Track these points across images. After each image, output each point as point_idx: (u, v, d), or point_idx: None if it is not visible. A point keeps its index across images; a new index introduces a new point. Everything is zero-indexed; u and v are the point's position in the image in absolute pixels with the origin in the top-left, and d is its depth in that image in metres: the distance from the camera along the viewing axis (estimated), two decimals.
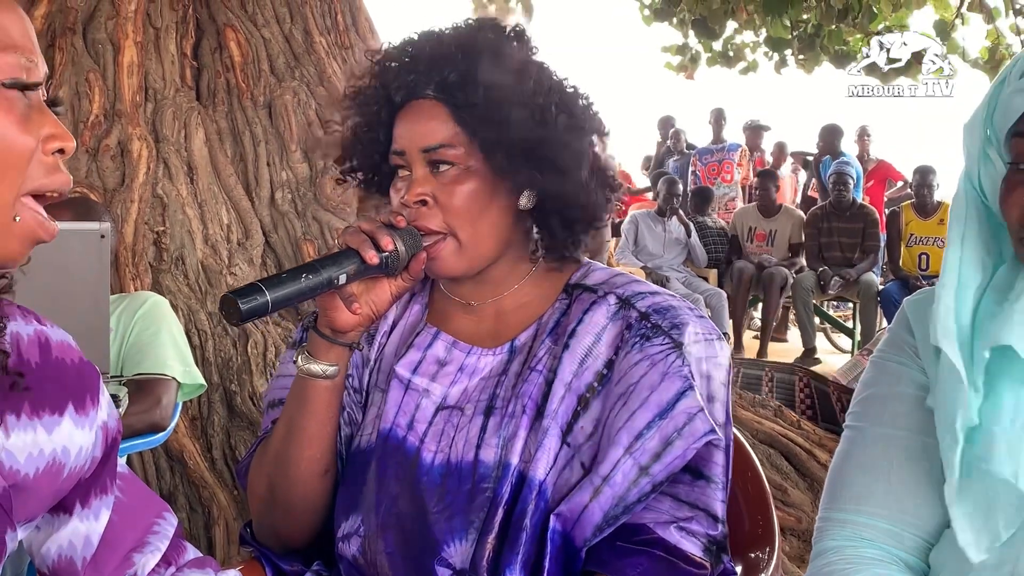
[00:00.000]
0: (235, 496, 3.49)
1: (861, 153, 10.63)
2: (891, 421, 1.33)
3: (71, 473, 1.16)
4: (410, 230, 1.39)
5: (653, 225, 8.77)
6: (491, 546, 1.34)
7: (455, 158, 1.39)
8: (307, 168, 4.29)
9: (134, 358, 2.84)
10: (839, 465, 1.37)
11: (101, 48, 4.20)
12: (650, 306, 1.40)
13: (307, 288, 1.30)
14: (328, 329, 1.42)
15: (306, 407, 1.44)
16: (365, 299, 1.41)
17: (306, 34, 4.58)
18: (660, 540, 1.33)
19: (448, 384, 1.45)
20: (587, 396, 1.38)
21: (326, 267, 1.32)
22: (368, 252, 1.34)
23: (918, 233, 8.06)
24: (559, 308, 1.46)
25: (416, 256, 1.39)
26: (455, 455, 1.40)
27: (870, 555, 1.29)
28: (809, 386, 5.26)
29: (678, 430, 1.32)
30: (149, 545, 1.24)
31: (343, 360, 1.44)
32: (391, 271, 1.39)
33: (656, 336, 1.37)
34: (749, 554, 1.56)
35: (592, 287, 1.46)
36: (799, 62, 7.94)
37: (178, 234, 3.96)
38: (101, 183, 3.98)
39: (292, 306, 1.41)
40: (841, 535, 1.32)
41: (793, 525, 3.75)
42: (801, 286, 8.15)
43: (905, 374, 1.34)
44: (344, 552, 1.44)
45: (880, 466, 1.32)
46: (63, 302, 2.32)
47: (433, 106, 1.41)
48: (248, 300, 1.25)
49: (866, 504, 1.31)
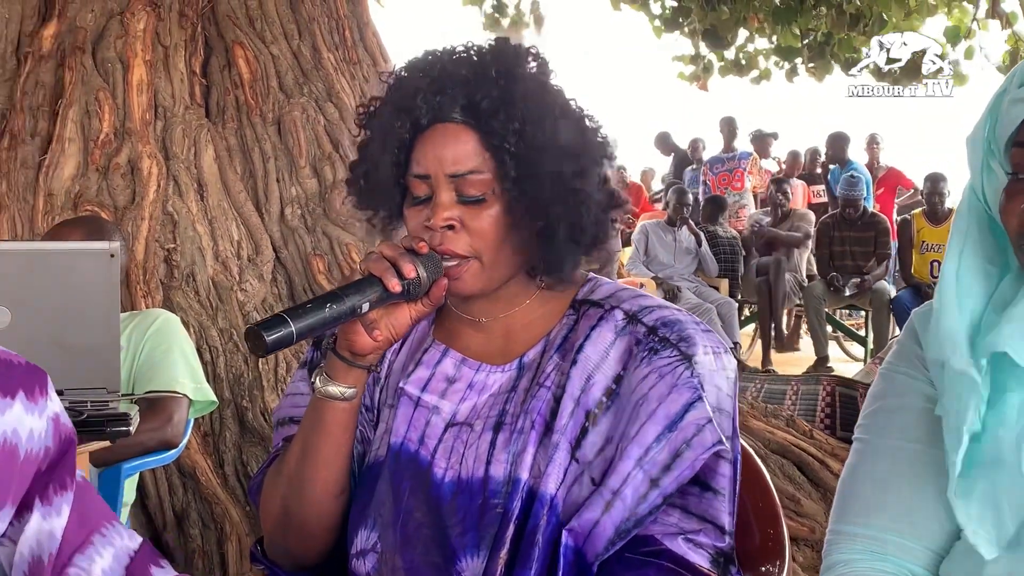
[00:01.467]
0: (247, 512, 3.49)
1: (871, 161, 10.63)
2: (900, 433, 1.32)
3: (27, 457, 1.18)
4: (431, 256, 1.38)
5: (663, 235, 8.76)
6: (503, 561, 1.34)
7: (483, 185, 1.38)
8: (316, 183, 4.30)
9: (145, 376, 2.85)
10: (848, 478, 1.37)
11: (111, 67, 4.23)
12: (657, 320, 1.40)
13: (331, 317, 1.30)
14: (347, 352, 1.41)
15: (323, 429, 1.44)
16: (385, 323, 1.40)
17: (314, 50, 4.59)
18: (667, 551, 1.33)
19: (457, 401, 1.45)
20: (595, 412, 1.38)
21: (349, 296, 1.32)
22: (391, 281, 1.33)
23: (930, 240, 8.04)
24: (566, 324, 1.46)
25: (437, 282, 1.38)
26: (465, 471, 1.40)
27: (880, 568, 1.28)
28: (832, 394, 5.22)
29: (687, 441, 1.32)
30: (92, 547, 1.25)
31: (361, 382, 1.44)
32: (412, 297, 1.38)
33: (664, 349, 1.37)
34: (760, 568, 1.55)
35: (598, 302, 1.46)
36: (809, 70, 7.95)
37: (188, 251, 3.98)
38: (111, 201, 4.00)
39: (317, 336, 1.41)
40: (851, 549, 1.31)
41: (806, 535, 3.74)
42: (812, 294, 8.13)
43: (913, 386, 1.33)
44: (358, 569, 1.44)
45: (889, 479, 1.31)
46: (74, 321, 2.34)
47: (461, 130, 1.38)
48: (273, 332, 1.26)
49: (875, 517, 1.31)
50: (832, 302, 8.27)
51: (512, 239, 1.40)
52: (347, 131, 4.43)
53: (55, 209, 3.92)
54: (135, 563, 1.28)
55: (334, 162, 4.33)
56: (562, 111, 1.41)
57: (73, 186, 4.00)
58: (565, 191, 1.38)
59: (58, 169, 3.99)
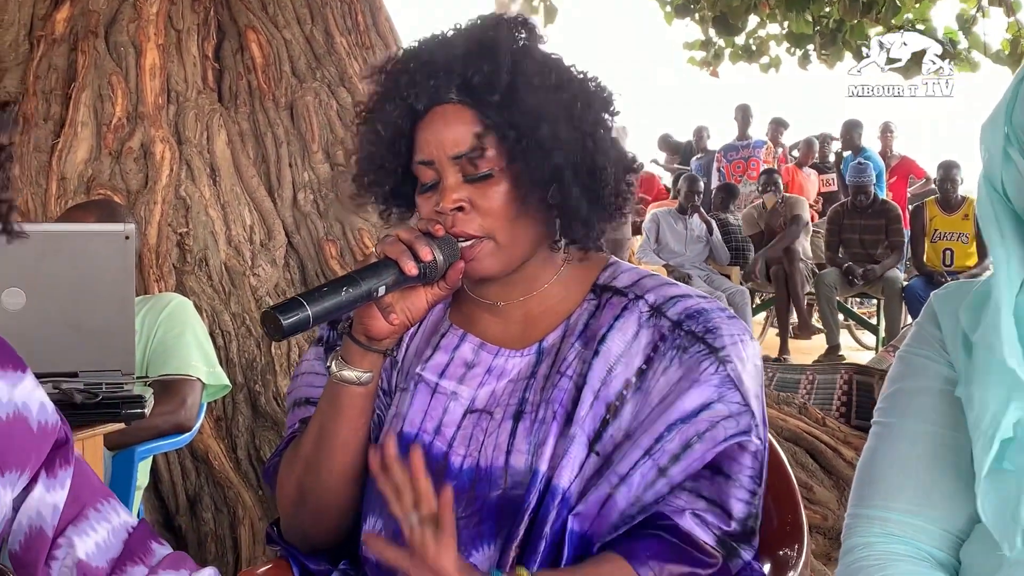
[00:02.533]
0: (260, 496, 3.49)
1: (884, 150, 10.57)
2: (918, 416, 1.31)
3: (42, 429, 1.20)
4: (447, 239, 1.37)
5: (674, 223, 8.74)
6: (515, 552, 1.33)
7: (487, 162, 1.37)
8: (329, 168, 4.29)
9: (159, 359, 2.85)
10: (867, 461, 1.36)
11: (123, 51, 4.22)
12: (682, 312, 1.39)
13: (347, 301, 1.30)
14: (363, 336, 1.40)
15: (339, 413, 1.43)
16: (401, 307, 1.39)
17: (327, 35, 4.58)
18: (673, 526, 1.33)
19: (476, 386, 1.44)
20: (616, 404, 1.37)
21: (365, 279, 1.32)
22: (407, 264, 1.32)
23: (942, 228, 8.01)
24: (587, 309, 1.45)
25: (454, 265, 1.38)
26: (484, 460, 1.39)
27: (900, 551, 1.27)
28: (849, 383, 5.20)
29: (699, 434, 1.32)
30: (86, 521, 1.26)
31: (377, 366, 1.43)
32: (428, 280, 1.37)
33: (691, 345, 1.37)
34: (777, 552, 1.55)
35: (621, 290, 1.44)
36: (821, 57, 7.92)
37: (201, 235, 3.98)
38: (124, 185, 4.00)
39: (332, 319, 1.41)
40: (870, 532, 1.31)
41: (819, 523, 3.73)
42: (824, 283, 8.10)
43: (932, 368, 1.32)
44: (368, 554, 1.44)
45: (908, 462, 1.30)
46: (89, 303, 2.35)
47: (458, 110, 1.38)
48: (290, 316, 1.26)
49: (895, 500, 1.30)
50: (844, 290, 8.24)
51: (525, 214, 1.39)
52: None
53: (68, 193, 3.92)
54: (133, 538, 1.30)
55: (347, 147, 4.32)
56: (557, 76, 1.40)
57: (86, 170, 4.00)
58: (571, 157, 1.36)
59: (71, 153, 3.99)
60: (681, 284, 1.46)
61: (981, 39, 7.64)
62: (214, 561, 3.38)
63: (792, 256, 8.28)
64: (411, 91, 1.39)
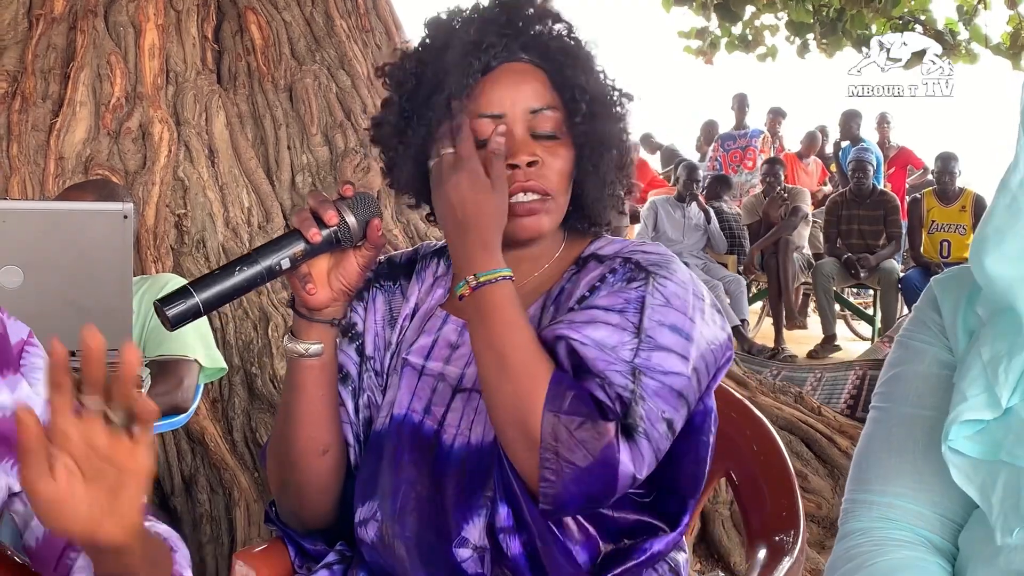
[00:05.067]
0: (255, 478, 3.50)
1: (881, 140, 10.56)
2: (917, 401, 1.31)
3: None
4: (361, 196, 1.35)
5: (672, 211, 8.73)
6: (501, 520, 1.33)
7: (556, 123, 1.39)
8: (328, 151, 4.29)
9: (156, 340, 2.85)
10: (865, 446, 1.36)
11: (122, 31, 4.21)
12: (641, 256, 1.39)
13: (244, 282, 1.28)
14: (304, 308, 1.40)
15: (296, 387, 1.43)
16: (335, 274, 1.38)
17: (327, 17, 4.57)
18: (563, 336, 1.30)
19: (463, 365, 1.44)
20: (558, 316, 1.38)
21: (265, 255, 1.30)
22: (310, 231, 1.31)
23: (939, 220, 8.01)
24: (566, 278, 1.45)
25: (371, 223, 1.36)
26: (475, 438, 1.39)
27: (897, 536, 1.27)
28: (862, 378, 5.19)
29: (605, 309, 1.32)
30: None
31: (327, 338, 1.42)
32: (347, 243, 1.36)
33: (638, 275, 1.36)
34: (773, 538, 1.55)
35: (602, 256, 1.45)
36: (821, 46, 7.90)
37: (199, 217, 3.97)
38: (122, 165, 3.99)
39: (235, 300, 1.38)
40: (868, 516, 1.31)
41: (814, 511, 3.74)
42: (821, 273, 8.10)
43: (931, 353, 1.32)
44: (363, 536, 1.44)
45: (906, 447, 1.30)
46: (86, 282, 2.34)
47: (532, 69, 1.40)
48: (174, 305, 1.24)
49: (892, 485, 1.30)
50: (841, 280, 8.24)
51: (569, 184, 1.42)
52: (359, 99, 4.41)
53: (66, 172, 3.91)
54: None
55: (345, 130, 4.31)
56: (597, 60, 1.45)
57: (84, 150, 3.99)
58: (618, 134, 1.41)
59: (69, 133, 3.97)
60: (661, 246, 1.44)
61: (982, 31, 7.63)
62: (209, 543, 3.38)
63: (785, 247, 8.27)
64: (483, 47, 1.38)
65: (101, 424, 0.97)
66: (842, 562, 1.29)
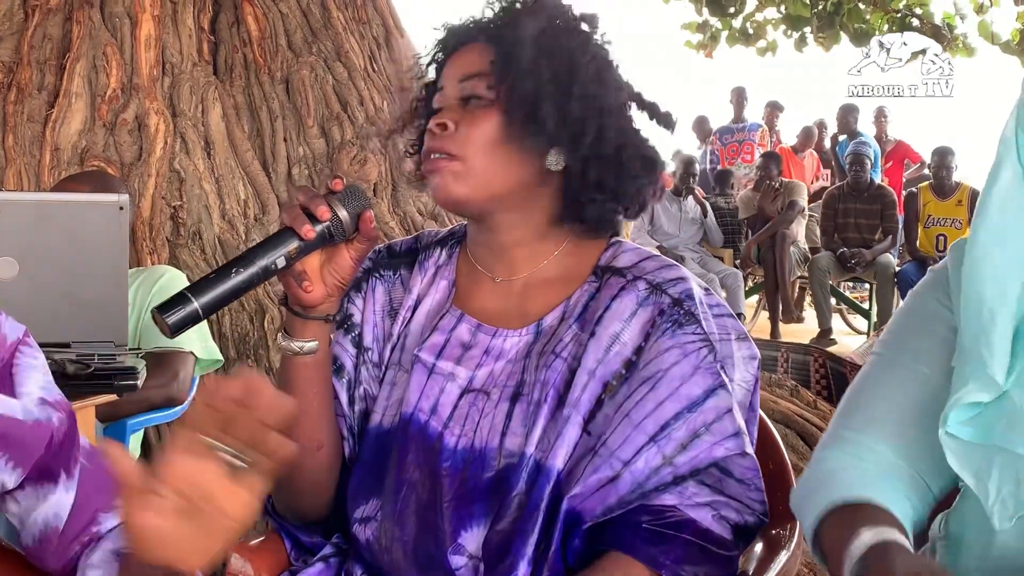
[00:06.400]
0: None
1: (879, 134, 10.56)
2: (919, 356, 1.31)
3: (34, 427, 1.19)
4: (351, 189, 1.34)
5: (668, 205, 8.73)
6: (503, 532, 1.32)
7: (483, 90, 1.38)
8: (324, 144, 4.28)
9: (152, 332, 2.84)
10: (860, 386, 1.35)
11: (119, 22, 4.19)
12: (683, 292, 1.38)
13: (241, 283, 1.26)
14: (298, 306, 1.39)
15: (291, 385, 1.41)
16: (328, 269, 1.37)
17: (324, 9, 4.56)
18: (689, 521, 1.30)
19: (474, 367, 1.42)
20: (613, 383, 1.35)
21: (260, 255, 1.28)
22: (303, 227, 1.30)
23: (936, 214, 8.02)
24: (587, 291, 1.43)
25: (362, 215, 1.34)
26: (479, 440, 1.38)
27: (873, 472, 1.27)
28: (825, 367, 5.22)
29: (707, 425, 1.31)
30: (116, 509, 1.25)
31: (322, 334, 1.41)
32: (340, 237, 1.34)
33: (689, 324, 1.35)
34: (771, 531, 1.54)
35: (620, 270, 1.43)
36: (818, 40, 7.90)
37: (195, 209, 3.96)
38: (118, 157, 3.98)
39: (233, 302, 1.36)
40: (847, 451, 1.30)
41: None
42: (817, 267, 8.11)
43: (941, 314, 1.31)
44: (359, 534, 1.43)
45: (898, 397, 1.30)
46: (82, 273, 2.33)
47: (481, 47, 1.41)
48: (173, 312, 1.22)
49: (878, 429, 1.29)
50: (836, 274, 8.25)
51: (508, 156, 1.38)
52: (355, 91, 4.40)
53: (61, 164, 3.90)
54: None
55: (342, 122, 4.31)
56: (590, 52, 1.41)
57: (80, 141, 3.98)
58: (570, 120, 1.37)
59: (65, 124, 3.96)
60: (680, 266, 1.44)
61: (989, 27, 7.62)
62: None
63: (781, 241, 8.28)
64: (450, 36, 1.45)
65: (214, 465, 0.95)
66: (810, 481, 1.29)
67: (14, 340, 1.28)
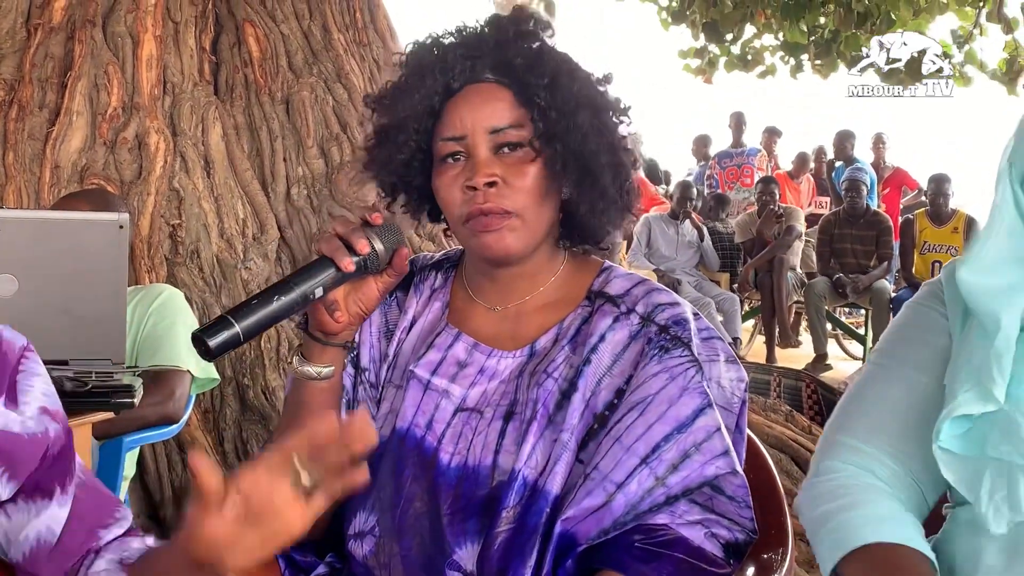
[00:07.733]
0: None
1: (877, 160, 10.60)
2: (918, 365, 1.32)
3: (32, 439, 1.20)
4: (389, 225, 1.36)
5: (666, 228, 8.75)
6: (499, 550, 1.33)
7: (521, 139, 1.38)
8: (323, 164, 4.29)
9: (149, 350, 2.85)
10: (857, 393, 1.36)
11: (120, 41, 4.21)
12: (669, 318, 1.39)
13: (281, 310, 1.28)
14: (319, 332, 1.41)
15: (303, 407, 1.44)
16: (353, 298, 1.40)
17: (324, 31, 4.58)
18: (681, 540, 1.31)
19: (468, 386, 1.44)
20: (605, 414, 1.37)
21: (300, 283, 1.29)
22: (343, 260, 1.32)
23: (932, 241, 8.04)
24: (580, 315, 1.44)
25: (398, 251, 1.37)
26: (472, 458, 1.39)
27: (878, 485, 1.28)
28: (816, 392, 5.23)
29: (697, 444, 1.32)
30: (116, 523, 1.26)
31: (338, 360, 1.44)
32: (371, 271, 1.37)
33: (676, 348, 1.37)
34: (762, 555, 1.55)
35: (614, 298, 1.44)
36: (815, 67, 7.92)
37: (194, 228, 3.97)
38: (118, 175, 3.99)
39: (270, 328, 1.37)
40: (848, 459, 1.31)
41: (802, 530, 3.73)
42: (813, 292, 8.12)
43: (939, 323, 1.33)
44: (355, 551, 1.43)
45: (898, 406, 1.31)
46: (81, 291, 2.34)
47: (496, 88, 1.40)
48: (215, 335, 1.23)
49: (878, 438, 1.30)
50: (832, 300, 8.26)
51: (548, 200, 1.40)
52: (355, 112, 4.42)
53: (61, 181, 3.91)
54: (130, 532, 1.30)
55: (342, 143, 4.33)
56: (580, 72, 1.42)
57: (80, 159, 3.99)
58: (605, 148, 1.39)
59: (65, 142, 3.98)
60: (671, 291, 1.46)
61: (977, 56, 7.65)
62: None
63: (779, 265, 8.30)
64: (446, 70, 1.40)
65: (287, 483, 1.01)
66: (826, 498, 1.30)
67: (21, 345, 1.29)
